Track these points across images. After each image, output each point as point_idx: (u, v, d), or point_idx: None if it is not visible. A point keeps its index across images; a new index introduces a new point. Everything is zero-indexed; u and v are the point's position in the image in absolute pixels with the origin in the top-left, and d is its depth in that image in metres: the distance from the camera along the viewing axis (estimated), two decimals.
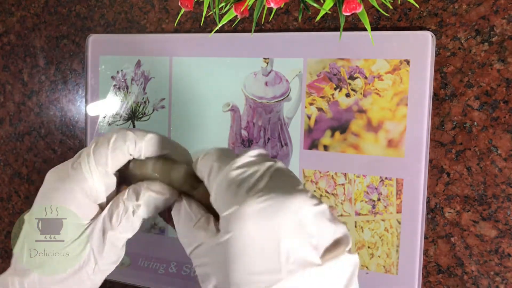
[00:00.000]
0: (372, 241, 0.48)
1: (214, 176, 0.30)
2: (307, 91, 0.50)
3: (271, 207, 0.26)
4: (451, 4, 0.45)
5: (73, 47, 0.62)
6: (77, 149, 0.63)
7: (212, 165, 0.30)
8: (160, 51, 0.56)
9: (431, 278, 0.47)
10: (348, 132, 0.48)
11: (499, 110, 0.44)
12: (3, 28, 0.67)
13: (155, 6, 0.57)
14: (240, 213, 0.26)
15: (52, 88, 0.64)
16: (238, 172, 0.28)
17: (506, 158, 0.44)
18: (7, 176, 0.68)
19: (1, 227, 0.69)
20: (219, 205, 0.29)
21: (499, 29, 0.44)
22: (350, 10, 0.35)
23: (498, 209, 0.44)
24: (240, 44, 0.52)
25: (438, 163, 0.46)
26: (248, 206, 0.26)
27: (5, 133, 0.67)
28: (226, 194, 0.28)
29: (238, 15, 0.37)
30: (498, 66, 0.44)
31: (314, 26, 0.50)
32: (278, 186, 0.27)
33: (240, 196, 0.27)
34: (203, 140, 0.55)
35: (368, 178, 0.48)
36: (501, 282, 0.45)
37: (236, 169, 0.29)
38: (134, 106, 0.58)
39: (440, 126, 0.46)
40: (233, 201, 0.27)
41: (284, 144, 0.51)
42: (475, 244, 0.45)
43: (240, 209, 0.27)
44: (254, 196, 0.27)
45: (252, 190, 0.27)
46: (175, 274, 0.56)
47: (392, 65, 0.46)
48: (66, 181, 0.33)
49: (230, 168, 0.29)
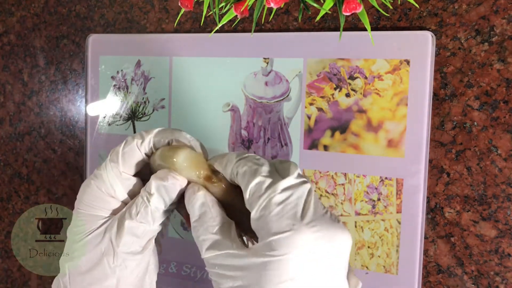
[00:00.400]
0: (372, 241, 0.48)
1: (257, 191, 0.31)
2: (307, 91, 0.50)
3: (323, 238, 0.29)
4: (451, 4, 0.45)
5: (73, 47, 0.62)
6: (77, 149, 0.63)
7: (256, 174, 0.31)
8: (160, 51, 0.56)
9: (431, 278, 0.47)
10: (348, 132, 0.48)
11: (499, 110, 0.44)
12: (3, 28, 0.67)
13: (155, 6, 0.57)
14: (295, 238, 0.28)
15: (52, 88, 0.64)
16: (285, 195, 0.30)
17: (506, 158, 0.44)
18: (7, 176, 0.68)
19: (1, 227, 0.69)
20: (264, 225, 0.30)
21: (499, 29, 0.44)
22: (350, 10, 0.35)
23: (498, 209, 0.44)
24: (240, 44, 0.52)
25: (438, 163, 0.46)
26: (303, 233, 0.29)
27: (5, 133, 0.67)
28: (276, 217, 0.29)
29: (238, 15, 0.37)
30: (498, 66, 0.44)
31: (314, 26, 0.50)
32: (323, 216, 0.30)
33: (293, 222, 0.29)
34: (203, 140, 0.55)
35: (368, 178, 0.48)
36: (501, 282, 0.45)
37: (282, 192, 0.30)
38: (134, 106, 0.58)
39: (440, 126, 0.46)
40: (285, 225, 0.29)
41: (284, 144, 0.51)
42: (475, 244, 0.45)
43: (295, 235, 0.29)
44: (308, 225, 0.29)
45: (304, 218, 0.29)
46: (175, 274, 0.56)
47: (392, 65, 0.46)
48: (88, 178, 0.37)
49: (276, 189, 0.30)
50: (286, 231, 0.29)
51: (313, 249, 0.28)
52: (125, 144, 0.36)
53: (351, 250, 0.49)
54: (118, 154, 0.36)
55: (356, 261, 0.49)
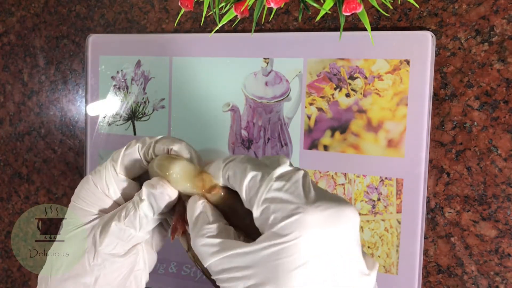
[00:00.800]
0: (372, 241, 0.48)
1: (253, 186, 0.30)
2: (307, 91, 0.50)
3: (332, 216, 0.28)
4: (451, 4, 0.45)
5: (73, 47, 0.62)
6: (77, 149, 0.63)
7: (246, 172, 0.30)
8: (160, 51, 0.56)
9: (431, 278, 0.47)
10: (348, 132, 0.48)
11: (499, 110, 0.44)
12: (3, 28, 0.67)
13: (155, 6, 0.57)
14: (304, 220, 0.27)
15: (52, 88, 0.64)
16: (282, 183, 0.29)
17: (506, 158, 0.44)
18: (7, 176, 0.68)
19: (1, 227, 0.69)
20: (268, 216, 0.29)
21: (499, 29, 0.44)
22: (350, 10, 0.35)
23: (498, 209, 0.44)
24: (240, 44, 0.52)
25: (438, 163, 0.46)
26: (311, 214, 0.27)
27: (5, 133, 0.67)
28: (278, 205, 0.28)
29: (238, 15, 0.37)
30: (498, 66, 0.44)
31: (314, 26, 0.50)
32: (325, 195, 0.29)
33: (298, 205, 0.28)
34: (203, 140, 0.55)
35: (368, 178, 0.48)
36: (501, 282, 0.45)
37: (277, 180, 0.29)
38: (134, 106, 0.58)
39: (440, 126, 0.46)
40: (290, 209, 0.28)
41: (284, 144, 0.51)
42: (475, 244, 0.45)
43: (303, 216, 0.27)
44: (314, 205, 0.28)
45: (308, 199, 0.28)
46: (175, 274, 0.56)
47: (392, 65, 0.46)
48: (88, 173, 0.37)
49: (271, 178, 0.29)
50: (293, 215, 0.28)
51: (324, 228, 0.27)
52: (128, 147, 0.36)
53: None
54: (119, 155, 0.36)
55: None
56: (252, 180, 0.30)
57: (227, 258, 0.29)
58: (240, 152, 0.53)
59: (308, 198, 0.28)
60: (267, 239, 0.28)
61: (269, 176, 0.30)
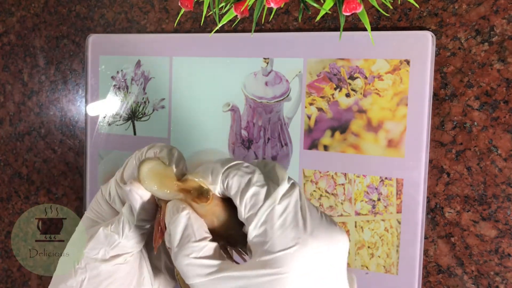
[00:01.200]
0: (372, 241, 0.48)
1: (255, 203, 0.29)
2: (307, 91, 0.50)
3: (325, 245, 0.29)
4: (451, 4, 0.45)
5: (73, 47, 0.62)
6: (77, 149, 0.63)
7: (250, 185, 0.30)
8: (160, 51, 0.56)
9: (431, 278, 0.47)
10: (348, 132, 0.48)
11: (499, 110, 0.44)
12: (3, 28, 0.67)
13: (155, 6, 0.57)
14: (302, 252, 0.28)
15: (52, 88, 0.64)
16: (284, 205, 0.29)
17: (506, 158, 0.44)
18: (7, 176, 0.68)
19: (1, 227, 0.69)
20: (266, 240, 0.28)
21: (499, 29, 0.44)
22: (350, 10, 0.35)
23: (498, 209, 0.44)
24: (240, 44, 0.52)
25: (438, 163, 0.46)
26: (309, 245, 0.28)
27: (5, 133, 0.67)
28: (279, 231, 0.28)
29: (238, 15, 0.37)
30: (498, 66, 0.44)
31: (314, 26, 0.50)
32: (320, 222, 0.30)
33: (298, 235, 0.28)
34: (203, 140, 0.55)
35: (368, 178, 0.48)
36: (501, 282, 0.45)
37: (281, 201, 0.29)
38: (134, 106, 0.58)
39: (440, 126, 0.46)
40: (290, 239, 0.28)
41: (284, 144, 0.51)
42: (475, 244, 0.45)
43: (301, 248, 0.28)
44: (312, 235, 0.28)
45: (306, 227, 0.29)
46: None
47: (392, 65, 0.46)
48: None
49: (275, 199, 0.29)
50: (292, 246, 0.28)
51: (316, 257, 0.28)
52: (135, 154, 0.35)
53: (351, 250, 0.49)
54: (125, 162, 0.36)
55: (356, 261, 0.49)
56: (254, 196, 0.29)
57: (217, 280, 0.28)
58: (241, 152, 0.53)
59: (306, 226, 0.29)
60: (261, 266, 0.28)
61: (272, 197, 0.29)
